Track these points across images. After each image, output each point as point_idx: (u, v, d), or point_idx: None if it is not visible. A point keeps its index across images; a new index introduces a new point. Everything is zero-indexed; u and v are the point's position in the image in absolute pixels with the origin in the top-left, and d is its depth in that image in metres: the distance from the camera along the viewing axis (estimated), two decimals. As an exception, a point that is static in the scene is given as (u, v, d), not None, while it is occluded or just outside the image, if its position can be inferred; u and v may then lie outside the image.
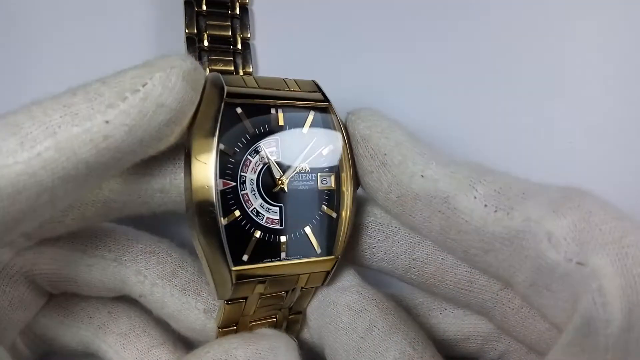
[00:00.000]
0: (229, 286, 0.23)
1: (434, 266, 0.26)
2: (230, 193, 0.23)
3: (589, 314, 0.18)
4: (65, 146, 0.19)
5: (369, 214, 0.27)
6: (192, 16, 0.30)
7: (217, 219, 0.22)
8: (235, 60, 0.29)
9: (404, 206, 0.24)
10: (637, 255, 0.18)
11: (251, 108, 0.24)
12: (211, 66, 0.29)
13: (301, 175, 0.25)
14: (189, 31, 0.29)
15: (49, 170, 0.18)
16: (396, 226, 0.26)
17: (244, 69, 0.30)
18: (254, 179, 0.24)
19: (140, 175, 0.24)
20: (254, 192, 0.24)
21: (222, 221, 0.22)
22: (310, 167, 0.25)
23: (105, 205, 0.24)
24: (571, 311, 0.20)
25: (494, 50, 0.34)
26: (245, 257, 0.23)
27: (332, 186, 0.25)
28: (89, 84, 0.20)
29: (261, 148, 0.24)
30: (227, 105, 0.23)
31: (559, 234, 0.19)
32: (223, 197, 0.23)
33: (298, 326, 0.28)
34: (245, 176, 0.23)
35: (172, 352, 0.27)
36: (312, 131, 0.25)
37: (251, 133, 0.24)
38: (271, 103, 0.24)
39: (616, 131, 0.34)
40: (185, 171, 0.23)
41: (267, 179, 0.24)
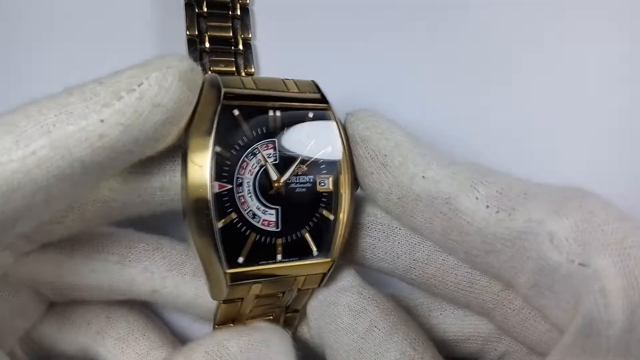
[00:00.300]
0: (224, 287, 0.23)
1: (434, 267, 0.25)
2: (226, 195, 0.23)
3: (591, 315, 0.18)
4: (60, 145, 0.18)
5: (369, 214, 0.26)
6: (192, 18, 0.29)
7: (212, 222, 0.22)
8: (237, 60, 0.29)
9: (405, 207, 0.23)
10: (639, 256, 0.18)
11: (249, 110, 0.23)
12: (212, 67, 0.28)
13: (299, 177, 0.24)
14: (189, 33, 0.29)
15: (43, 169, 0.18)
16: (397, 226, 0.26)
17: (245, 69, 0.29)
18: (250, 181, 0.23)
19: (139, 174, 0.24)
20: (250, 195, 0.23)
21: (217, 224, 0.22)
22: (308, 169, 0.24)
23: (105, 205, 0.24)
24: (573, 312, 0.19)
25: (496, 50, 0.34)
26: (241, 259, 0.23)
27: (330, 188, 0.25)
28: (85, 83, 0.20)
29: (258, 150, 0.23)
30: (224, 107, 0.22)
31: (561, 234, 0.19)
32: (218, 200, 0.22)
33: (295, 322, 0.28)
34: (242, 178, 0.23)
35: (171, 354, 0.27)
36: (311, 133, 0.24)
37: (248, 135, 0.23)
38: (269, 105, 0.24)
39: (617, 131, 0.34)
40: (182, 172, 0.23)
41: (264, 181, 0.24)
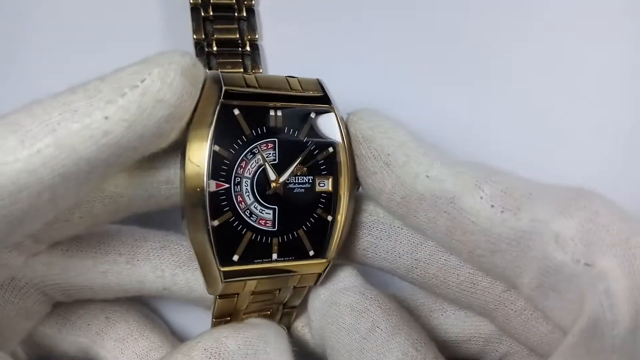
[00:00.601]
0: (219, 283, 0.23)
1: (436, 267, 0.25)
2: (223, 194, 0.23)
3: (596, 315, 0.18)
4: (65, 143, 0.18)
5: (371, 213, 0.26)
6: (199, 21, 0.29)
7: (208, 221, 0.22)
8: (244, 62, 0.28)
9: (408, 207, 0.23)
10: None
11: (249, 109, 0.23)
12: (220, 69, 0.28)
13: (298, 177, 0.24)
14: (196, 36, 0.29)
15: (49, 168, 0.18)
16: (399, 226, 0.26)
17: (253, 70, 0.29)
18: (249, 181, 0.23)
19: (145, 169, 0.23)
20: (248, 194, 0.23)
21: (212, 223, 0.22)
22: (307, 169, 0.24)
23: (112, 201, 0.23)
24: (577, 313, 0.19)
25: (500, 51, 0.33)
26: (236, 257, 0.23)
27: (330, 189, 0.25)
28: (88, 82, 0.20)
29: (258, 150, 0.23)
30: (223, 106, 0.22)
31: (566, 234, 0.19)
32: (214, 199, 0.22)
33: (292, 319, 0.28)
34: (241, 177, 0.23)
35: (170, 352, 0.26)
36: (312, 133, 0.24)
37: (248, 134, 0.23)
38: (270, 104, 0.23)
39: (618, 131, 0.33)
40: (180, 168, 0.23)
41: (263, 180, 0.23)
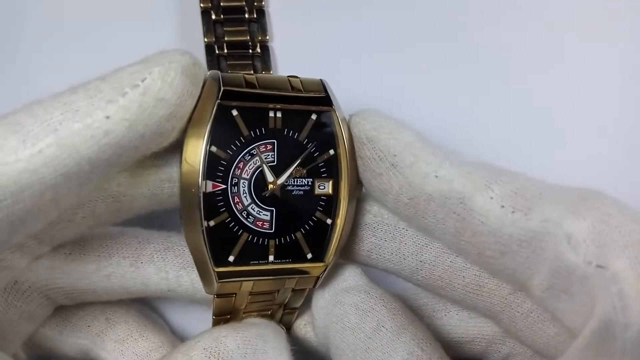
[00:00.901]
0: (214, 283, 0.23)
1: (441, 269, 0.25)
2: (219, 195, 0.22)
3: (608, 317, 0.17)
4: (66, 142, 0.18)
5: (375, 214, 0.26)
6: (209, 24, 0.29)
7: (202, 221, 0.22)
8: (254, 63, 0.28)
9: (416, 208, 0.23)
10: None
11: (248, 110, 0.22)
12: (230, 72, 0.28)
13: (297, 179, 0.24)
14: (207, 40, 0.29)
15: (51, 167, 0.18)
16: (404, 227, 0.25)
17: (263, 72, 0.29)
18: (246, 182, 0.23)
19: (147, 167, 0.23)
20: (245, 195, 0.23)
21: (205, 224, 0.22)
22: (307, 171, 0.24)
23: (115, 200, 0.23)
24: (588, 315, 0.19)
25: (503, 52, 0.32)
26: (232, 257, 0.23)
27: (330, 192, 0.24)
28: (89, 82, 0.20)
29: (256, 151, 0.23)
30: (221, 106, 0.22)
31: (579, 235, 0.19)
32: (209, 199, 0.22)
33: (292, 320, 0.28)
34: (238, 178, 0.23)
35: (170, 352, 0.26)
36: (312, 135, 0.24)
37: (246, 135, 0.23)
38: (270, 105, 0.23)
39: (617, 131, 0.33)
40: (178, 168, 0.22)
41: (261, 182, 0.23)
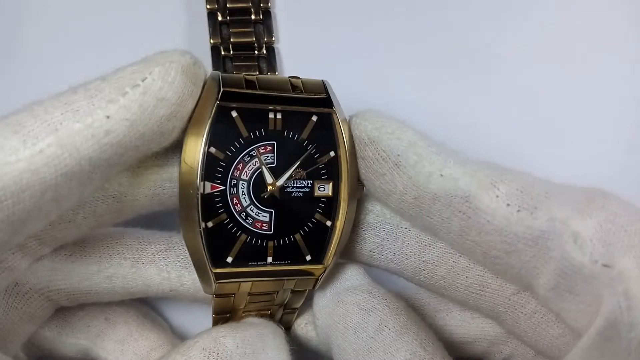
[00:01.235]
0: (212, 284, 0.23)
1: (444, 269, 0.25)
2: (218, 196, 0.22)
3: (613, 317, 0.17)
4: (67, 142, 0.18)
5: (378, 214, 0.25)
6: (215, 26, 0.29)
7: (199, 222, 0.22)
8: (260, 65, 0.28)
9: (421, 208, 0.22)
10: None
11: (248, 111, 0.22)
12: (235, 72, 0.27)
13: (296, 181, 0.23)
14: (213, 41, 0.29)
15: (51, 167, 0.18)
16: (406, 227, 0.25)
17: (268, 73, 0.28)
18: (245, 183, 0.23)
19: (148, 167, 0.23)
20: (244, 196, 0.23)
21: (203, 225, 0.22)
22: (307, 173, 0.23)
23: (116, 200, 0.23)
24: (593, 315, 0.19)
25: (503, 52, 0.32)
26: (230, 259, 0.23)
27: (329, 194, 0.24)
28: (89, 81, 0.19)
29: (255, 152, 0.23)
30: (220, 107, 0.21)
31: (585, 234, 0.18)
32: (208, 201, 0.22)
33: (292, 321, 0.27)
34: (237, 180, 0.22)
35: (169, 352, 0.26)
36: (312, 136, 0.23)
37: (246, 137, 0.22)
38: (270, 107, 0.22)
39: (617, 131, 0.33)
40: (178, 168, 0.22)
41: (260, 183, 0.23)
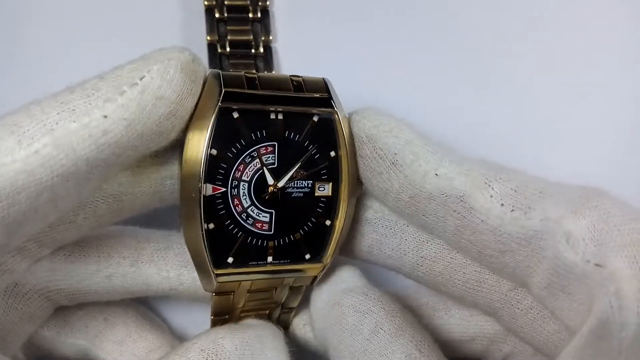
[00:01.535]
0: (213, 283, 0.23)
1: (442, 264, 0.24)
2: (219, 198, 0.22)
3: (605, 316, 0.17)
4: (63, 142, 0.17)
5: (377, 210, 0.25)
6: (212, 23, 0.28)
7: (202, 224, 0.21)
8: (257, 63, 0.28)
9: (416, 206, 0.22)
10: None
11: (249, 112, 0.22)
12: (232, 70, 0.27)
13: (297, 182, 0.23)
14: (210, 38, 0.28)
15: (47, 168, 0.17)
16: (404, 224, 0.25)
17: (265, 72, 0.28)
18: (246, 184, 0.22)
19: (148, 166, 0.23)
20: (245, 197, 0.22)
21: (206, 226, 0.22)
22: (307, 173, 0.23)
23: (116, 200, 0.22)
24: (586, 314, 0.18)
25: (504, 52, 0.32)
26: (231, 259, 0.23)
27: (329, 194, 0.23)
28: (87, 80, 0.19)
29: (256, 153, 0.22)
30: (222, 109, 0.21)
31: (578, 234, 0.18)
32: (209, 203, 0.22)
33: (290, 320, 0.27)
34: (238, 181, 0.22)
35: (167, 353, 0.26)
36: (313, 137, 0.23)
37: (247, 138, 0.22)
38: (271, 107, 0.22)
39: (617, 131, 0.32)
40: (178, 169, 0.22)
41: (261, 184, 0.22)
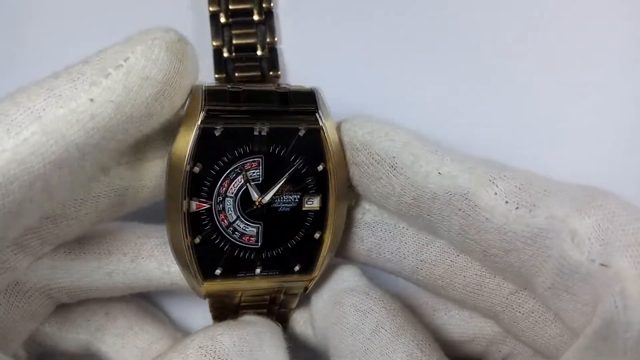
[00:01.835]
0: (202, 293, 0.23)
1: (442, 268, 0.24)
2: (204, 214, 0.22)
3: (610, 317, 0.17)
4: (52, 129, 0.17)
5: (375, 213, 0.25)
6: (217, 28, 0.28)
7: (187, 238, 0.21)
8: (262, 65, 0.28)
9: (420, 207, 0.22)
10: None
11: (232, 128, 0.21)
12: (237, 73, 0.27)
13: (283, 196, 0.23)
14: (215, 43, 0.28)
15: (38, 156, 0.17)
16: (404, 227, 0.24)
17: (271, 72, 0.28)
18: (231, 199, 0.22)
19: (149, 159, 0.22)
20: (230, 212, 0.22)
21: (192, 241, 0.22)
22: (294, 187, 0.23)
23: (118, 194, 0.22)
24: (590, 315, 0.18)
25: (504, 52, 0.31)
26: (218, 271, 0.23)
27: (318, 207, 0.23)
28: (71, 65, 0.19)
29: (241, 169, 0.22)
30: (203, 128, 0.21)
31: (583, 233, 0.18)
32: (194, 218, 0.22)
33: (288, 317, 0.27)
34: (223, 196, 0.22)
35: (166, 351, 0.25)
36: (300, 151, 0.22)
37: (231, 153, 0.22)
38: (256, 122, 0.22)
39: (617, 131, 0.32)
40: (165, 184, 0.22)
41: (246, 198, 0.22)
